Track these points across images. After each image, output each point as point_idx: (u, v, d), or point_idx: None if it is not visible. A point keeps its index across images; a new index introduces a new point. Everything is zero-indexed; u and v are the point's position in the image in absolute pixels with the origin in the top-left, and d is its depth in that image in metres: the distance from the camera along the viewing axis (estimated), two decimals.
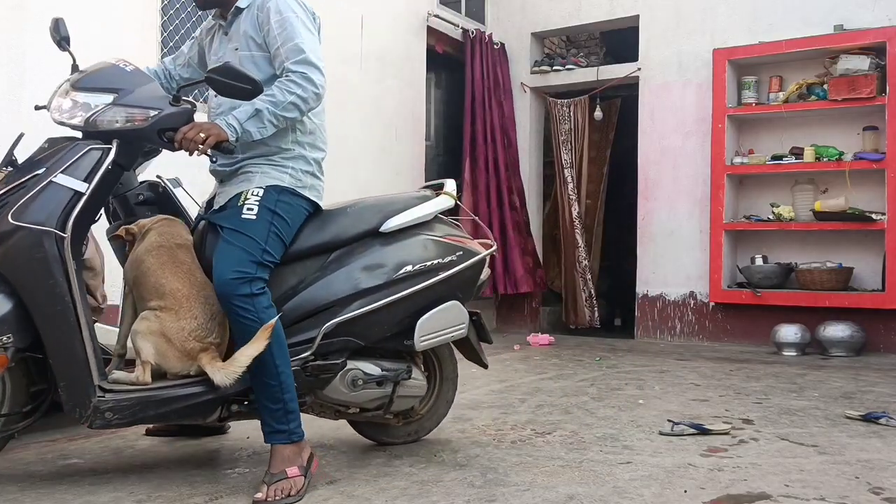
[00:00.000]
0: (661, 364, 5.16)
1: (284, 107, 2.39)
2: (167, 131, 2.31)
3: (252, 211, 2.40)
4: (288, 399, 2.34)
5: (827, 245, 6.10)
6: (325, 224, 2.56)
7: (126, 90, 2.32)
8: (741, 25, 6.39)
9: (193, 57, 2.77)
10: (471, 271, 2.71)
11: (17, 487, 2.38)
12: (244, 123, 2.36)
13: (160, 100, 2.34)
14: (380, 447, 2.86)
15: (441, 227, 2.74)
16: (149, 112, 2.30)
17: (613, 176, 7.57)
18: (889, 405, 3.68)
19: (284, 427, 2.33)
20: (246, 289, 2.30)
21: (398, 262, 2.57)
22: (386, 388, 2.61)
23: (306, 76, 2.42)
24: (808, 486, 2.42)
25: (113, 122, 2.28)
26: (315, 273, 2.52)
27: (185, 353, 2.30)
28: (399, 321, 2.57)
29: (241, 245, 2.35)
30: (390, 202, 2.67)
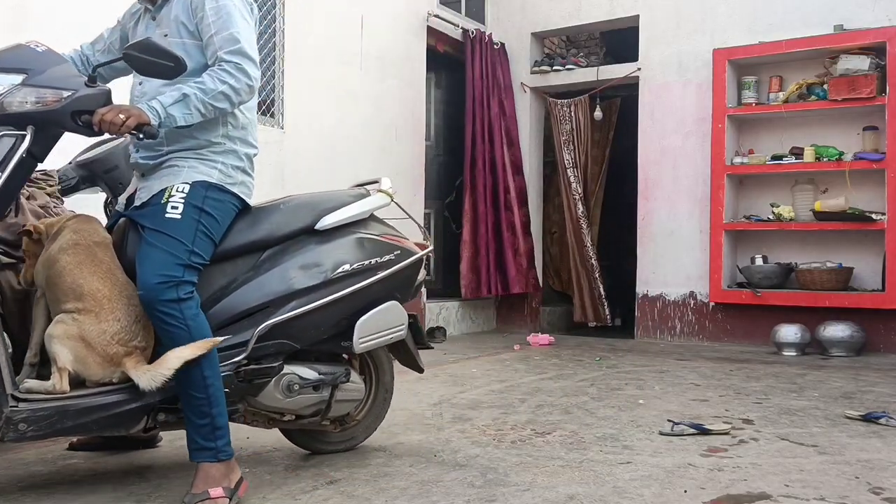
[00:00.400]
0: (661, 364, 5.16)
1: (214, 96, 2.25)
2: (83, 114, 2.13)
3: (177, 210, 2.25)
4: (216, 414, 2.18)
5: (827, 245, 6.10)
6: (257, 221, 2.44)
7: (36, 70, 2.13)
8: (741, 25, 6.39)
9: (115, 42, 2.57)
10: (409, 271, 2.64)
11: (18, 488, 2.38)
12: (168, 107, 2.21)
13: (74, 80, 2.16)
14: (380, 447, 2.86)
15: (377, 226, 2.65)
16: (62, 93, 2.11)
17: (613, 176, 7.57)
18: (889, 405, 3.68)
19: (211, 444, 2.18)
20: (172, 294, 2.15)
21: (335, 261, 2.47)
22: (323, 392, 2.49)
23: (240, 67, 2.29)
24: (808, 486, 2.42)
25: (23, 103, 2.09)
26: (247, 273, 2.39)
27: (108, 358, 2.13)
28: (337, 322, 2.47)
29: (166, 247, 2.20)
30: (325, 199, 2.56)
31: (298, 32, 5.38)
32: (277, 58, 5.28)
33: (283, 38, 5.30)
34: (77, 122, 2.13)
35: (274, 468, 2.58)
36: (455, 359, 5.32)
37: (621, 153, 7.54)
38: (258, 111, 5.13)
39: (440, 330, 6.50)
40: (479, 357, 5.45)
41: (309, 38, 5.47)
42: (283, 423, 2.56)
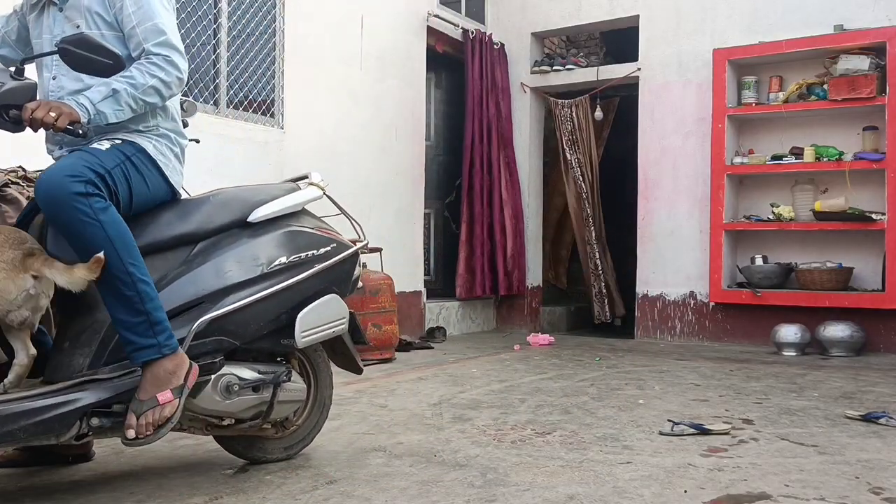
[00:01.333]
0: (661, 364, 5.16)
1: (145, 90, 2.17)
2: (10, 108, 2.02)
3: (103, 145, 2.18)
4: (151, 309, 2.08)
5: (827, 245, 6.10)
6: (187, 214, 2.33)
7: None
8: (741, 25, 6.39)
9: (11, 33, 2.42)
10: (346, 264, 2.58)
11: (18, 488, 2.38)
12: (98, 104, 2.11)
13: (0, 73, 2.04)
14: (380, 447, 2.86)
15: (310, 220, 2.58)
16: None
17: (610, 175, 7.57)
18: (889, 405, 3.68)
19: (152, 341, 2.07)
20: (80, 188, 2.02)
21: (270, 254, 2.39)
22: (264, 393, 2.39)
23: (169, 59, 2.21)
24: (808, 486, 2.42)
25: None
26: (179, 267, 2.28)
27: (8, 264, 1.96)
28: (276, 317, 2.38)
29: (78, 156, 2.11)
30: (257, 192, 2.48)
31: (298, 32, 5.38)
32: (277, 58, 5.28)
33: (283, 38, 5.30)
34: (3, 117, 2.02)
35: (274, 468, 2.58)
36: (455, 359, 5.32)
37: (621, 153, 7.54)
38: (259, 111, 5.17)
39: (440, 330, 6.50)
40: (479, 357, 5.45)
41: (309, 38, 5.47)
42: (223, 429, 2.43)
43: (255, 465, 2.60)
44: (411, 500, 2.26)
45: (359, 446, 2.88)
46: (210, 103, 4.87)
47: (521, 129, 7.37)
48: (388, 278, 5.27)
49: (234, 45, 5.00)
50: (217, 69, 4.93)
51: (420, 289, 6.53)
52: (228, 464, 2.64)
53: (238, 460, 2.65)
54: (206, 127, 4.41)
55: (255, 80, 5.14)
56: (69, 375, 2.10)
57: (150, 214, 2.31)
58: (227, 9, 4.94)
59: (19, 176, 2.87)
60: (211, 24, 4.89)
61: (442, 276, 7.21)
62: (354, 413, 3.46)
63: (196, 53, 4.75)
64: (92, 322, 2.16)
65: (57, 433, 2.01)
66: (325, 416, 2.76)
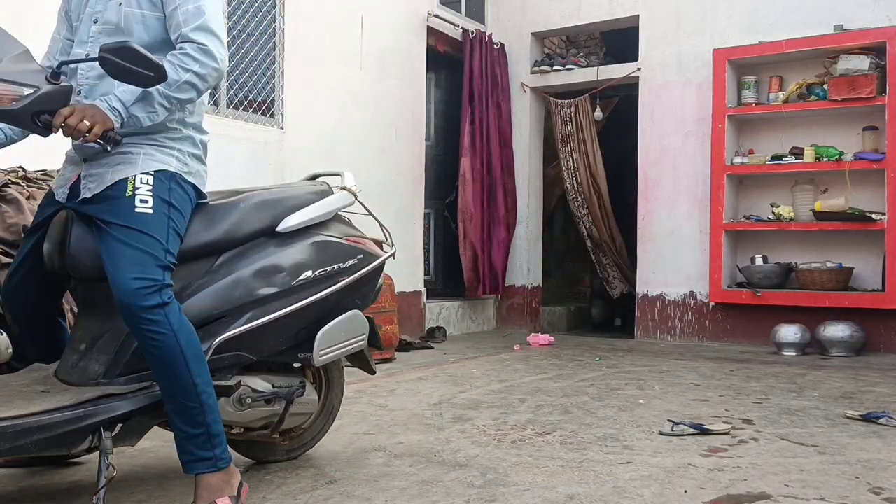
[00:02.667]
0: (661, 364, 5.16)
1: (179, 87, 2.03)
2: (43, 114, 1.90)
3: (147, 203, 2.03)
4: (211, 422, 2.03)
5: (827, 245, 6.10)
6: (214, 221, 2.23)
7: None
8: (741, 25, 6.39)
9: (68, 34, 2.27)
10: (372, 276, 2.50)
11: (18, 488, 2.38)
12: (130, 108, 1.99)
13: (36, 75, 1.91)
14: (380, 447, 2.86)
15: (339, 226, 2.49)
16: (22, 90, 1.87)
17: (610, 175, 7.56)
18: (889, 405, 3.68)
19: (209, 454, 2.03)
20: (156, 299, 1.96)
21: (297, 267, 2.28)
22: (276, 406, 2.34)
23: (205, 49, 2.05)
24: (808, 486, 2.42)
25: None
26: (202, 278, 2.18)
27: None
28: (296, 333, 2.31)
29: (142, 246, 1.99)
30: (286, 197, 2.37)
31: (298, 32, 5.38)
32: (277, 58, 5.28)
33: (283, 38, 5.30)
34: (36, 123, 1.91)
35: (274, 468, 2.58)
36: (455, 359, 5.32)
37: (621, 153, 7.54)
38: (259, 111, 5.17)
39: (440, 330, 6.50)
40: (479, 357, 5.45)
41: (309, 38, 5.47)
42: (231, 436, 2.38)
43: (256, 465, 2.60)
44: (411, 500, 2.26)
45: (359, 446, 2.88)
46: (210, 103, 4.86)
47: (520, 129, 7.37)
48: (389, 278, 5.27)
49: (234, 45, 5.00)
50: None
51: (420, 289, 6.53)
52: None
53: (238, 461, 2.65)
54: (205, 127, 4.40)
55: (255, 80, 5.14)
56: (84, 381, 2.08)
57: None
58: (227, 9, 4.94)
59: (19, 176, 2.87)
60: None
61: (442, 275, 7.21)
62: (354, 413, 3.46)
63: None
64: (111, 328, 2.11)
65: (69, 446, 1.99)
66: (332, 422, 2.75)
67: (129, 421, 2.05)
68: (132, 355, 2.08)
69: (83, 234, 2.07)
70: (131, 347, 2.07)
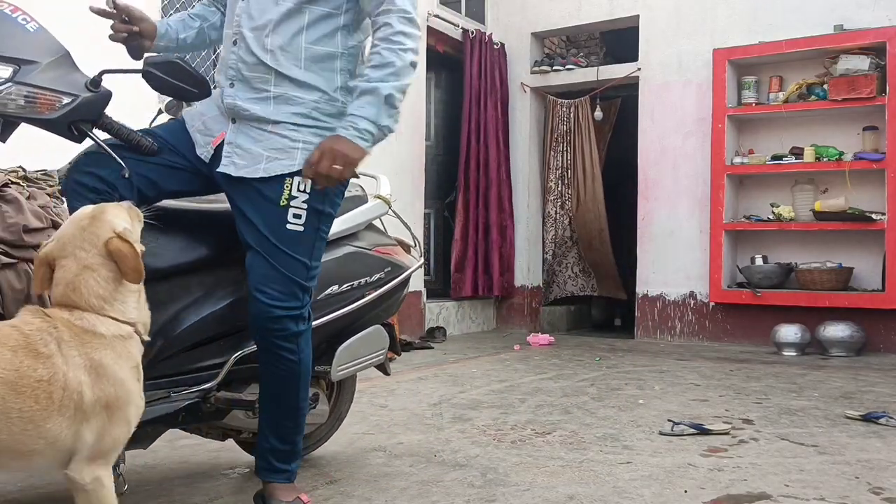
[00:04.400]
0: (661, 364, 5.16)
1: (405, 71, 1.88)
2: (80, 122, 1.83)
3: (299, 220, 1.91)
4: (298, 440, 2.07)
5: (827, 245, 6.10)
6: None
7: (30, 62, 1.77)
8: (741, 25, 6.39)
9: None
10: (398, 289, 2.43)
11: (17, 488, 2.38)
12: (381, 123, 1.86)
13: (75, 82, 1.82)
14: (380, 447, 2.86)
15: (369, 236, 2.41)
16: (61, 98, 1.80)
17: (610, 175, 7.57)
18: (889, 405, 3.68)
19: (286, 467, 2.07)
20: (293, 327, 1.93)
21: (324, 280, 2.17)
22: None
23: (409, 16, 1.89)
24: (808, 486, 2.42)
25: (8, 103, 1.76)
26: (227, 287, 2.09)
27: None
28: (316, 346, 2.20)
29: (287, 271, 1.91)
30: None
31: None
32: None
33: None
34: (72, 132, 1.86)
35: None
36: (455, 359, 5.32)
37: (621, 153, 7.54)
38: None
39: (440, 330, 6.50)
40: (479, 357, 5.45)
41: None
42: (240, 438, 2.42)
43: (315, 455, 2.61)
44: (411, 500, 2.26)
45: (359, 446, 2.88)
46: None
47: (521, 129, 7.37)
48: None
49: None
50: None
51: (420, 289, 6.53)
52: (229, 464, 2.64)
53: (239, 461, 2.66)
54: None
55: None
56: None
57: (206, 228, 2.12)
58: None
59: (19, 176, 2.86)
60: None
61: (442, 276, 7.21)
62: (354, 413, 3.46)
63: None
64: None
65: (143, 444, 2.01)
66: (338, 427, 2.75)
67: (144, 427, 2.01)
68: (152, 360, 2.01)
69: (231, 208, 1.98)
70: (152, 352, 2.00)
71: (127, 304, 1.58)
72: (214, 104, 2.03)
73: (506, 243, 7.22)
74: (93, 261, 1.54)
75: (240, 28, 1.95)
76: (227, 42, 2.01)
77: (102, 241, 1.55)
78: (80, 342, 1.48)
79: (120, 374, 1.51)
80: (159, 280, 1.99)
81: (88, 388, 1.46)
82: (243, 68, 1.95)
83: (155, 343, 1.97)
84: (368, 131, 1.86)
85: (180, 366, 2.05)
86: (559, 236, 7.40)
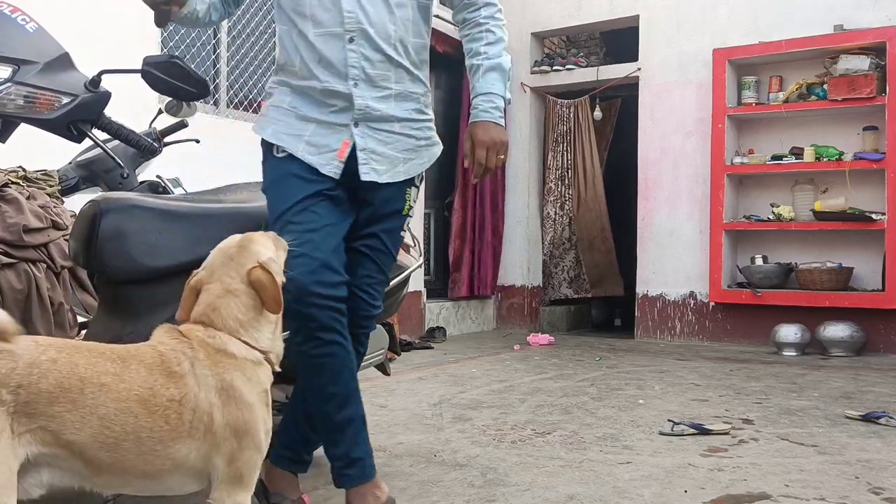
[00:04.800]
0: (661, 364, 5.16)
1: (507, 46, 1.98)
2: (79, 122, 1.83)
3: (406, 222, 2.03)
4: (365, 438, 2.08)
5: (827, 245, 6.10)
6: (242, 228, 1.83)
7: (29, 63, 1.78)
8: (741, 25, 6.39)
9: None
10: (397, 288, 2.43)
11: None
12: (507, 97, 1.95)
13: (75, 82, 1.83)
14: (380, 447, 2.85)
15: None
16: (60, 98, 1.81)
17: (610, 175, 7.58)
18: (889, 405, 3.68)
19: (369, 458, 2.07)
20: (371, 326, 2.03)
21: None
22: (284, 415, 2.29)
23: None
24: (808, 486, 2.42)
25: (7, 103, 1.77)
26: None
27: None
28: None
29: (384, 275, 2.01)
30: None
31: None
32: None
33: None
34: (71, 131, 1.86)
35: None
36: (455, 359, 5.32)
37: (621, 153, 7.54)
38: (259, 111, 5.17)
39: (440, 330, 6.50)
40: (479, 357, 5.45)
41: None
42: None
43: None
44: (411, 500, 2.26)
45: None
46: (210, 103, 4.86)
47: (520, 129, 7.37)
48: None
49: (234, 45, 5.00)
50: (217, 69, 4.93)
51: (420, 289, 6.53)
52: None
53: None
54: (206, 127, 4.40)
55: (255, 80, 5.14)
56: None
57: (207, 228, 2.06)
58: None
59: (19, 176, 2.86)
60: None
61: (442, 276, 7.21)
62: None
63: (196, 53, 4.75)
64: (131, 332, 2.03)
65: None
66: None
67: None
68: None
69: (112, 233, 1.95)
70: None
71: (262, 333, 1.57)
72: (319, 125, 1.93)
73: (498, 244, 7.25)
74: (236, 287, 1.56)
75: (359, 25, 1.89)
76: (334, 42, 1.89)
77: (246, 269, 1.56)
78: (212, 362, 1.48)
79: (248, 397, 1.50)
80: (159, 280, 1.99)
81: (219, 410, 1.45)
82: (367, 66, 1.90)
83: None
84: (501, 108, 1.91)
85: None
86: (557, 237, 7.41)
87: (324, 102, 1.92)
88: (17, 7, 1.86)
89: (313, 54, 1.90)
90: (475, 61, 1.95)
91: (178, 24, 2.09)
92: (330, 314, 1.86)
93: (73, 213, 2.52)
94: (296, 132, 1.93)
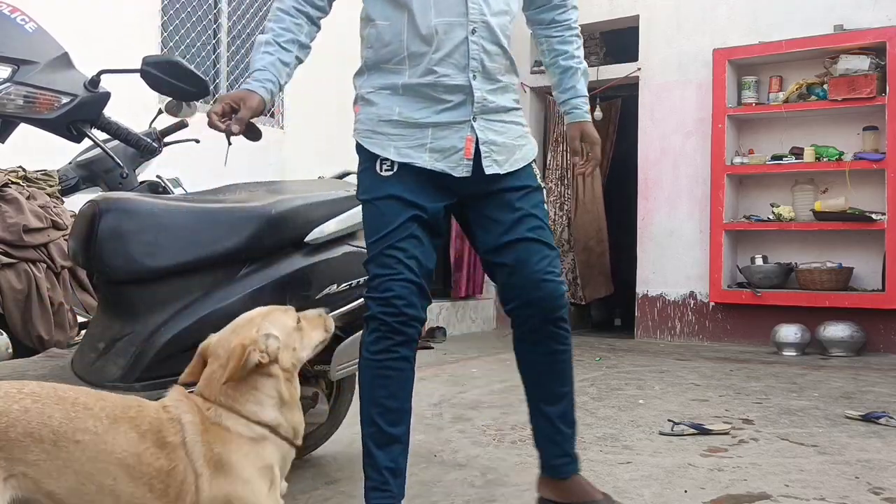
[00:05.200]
0: (661, 364, 5.16)
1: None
2: (79, 122, 1.84)
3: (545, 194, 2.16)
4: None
5: (827, 245, 6.10)
6: (240, 228, 2.10)
7: (31, 63, 1.78)
8: (741, 25, 6.39)
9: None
10: None
11: None
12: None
13: (74, 82, 1.84)
14: None
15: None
16: (59, 98, 1.81)
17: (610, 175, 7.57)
18: (889, 405, 3.68)
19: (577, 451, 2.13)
20: (567, 304, 2.03)
21: (322, 280, 2.19)
22: None
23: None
24: (808, 486, 2.42)
25: (6, 103, 1.78)
26: (225, 288, 2.08)
27: None
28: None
29: (555, 249, 2.00)
30: (318, 205, 2.26)
31: None
32: None
33: None
34: (71, 131, 1.85)
35: None
36: (455, 359, 5.32)
37: (621, 153, 7.54)
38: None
39: (440, 330, 6.49)
40: (479, 357, 5.45)
41: None
42: None
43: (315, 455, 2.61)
44: (411, 500, 2.26)
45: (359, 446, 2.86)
46: (210, 103, 4.86)
47: None
48: None
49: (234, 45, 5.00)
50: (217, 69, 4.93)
51: None
52: None
53: None
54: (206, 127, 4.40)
55: None
56: (100, 382, 2.02)
57: (206, 228, 2.09)
58: (227, 9, 4.94)
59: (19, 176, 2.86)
60: (211, 24, 4.89)
61: (442, 276, 7.21)
62: (354, 413, 3.45)
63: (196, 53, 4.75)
64: (131, 331, 2.05)
65: None
66: (337, 427, 2.73)
67: None
68: (151, 360, 2.02)
69: (111, 233, 1.96)
70: (150, 353, 2.02)
71: (263, 406, 1.53)
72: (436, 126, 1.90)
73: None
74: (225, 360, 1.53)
75: (482, 16, 1.88)
76: (456, 33, 1.87)
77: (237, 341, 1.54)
78: (206, 432, 1.46)
79: (243, 473, 1.46)
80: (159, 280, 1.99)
81: (206, 482, 1.43)
82: (485, 59, 1.90)
83: (155, 343, 1.98)
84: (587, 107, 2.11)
85: (180, 366, 2.04)
86: (556, 239, 7.41)
87: (439, 99, 1.88)
88: (17, 7, 1.86)
89: (430, 45, 1.86)
90: (571, 63, 2.10)
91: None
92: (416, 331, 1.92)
93: (73, 213, 2.52)
94: (417, 143, 1.90)
